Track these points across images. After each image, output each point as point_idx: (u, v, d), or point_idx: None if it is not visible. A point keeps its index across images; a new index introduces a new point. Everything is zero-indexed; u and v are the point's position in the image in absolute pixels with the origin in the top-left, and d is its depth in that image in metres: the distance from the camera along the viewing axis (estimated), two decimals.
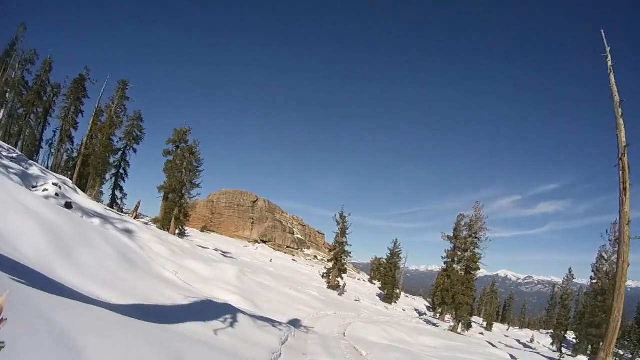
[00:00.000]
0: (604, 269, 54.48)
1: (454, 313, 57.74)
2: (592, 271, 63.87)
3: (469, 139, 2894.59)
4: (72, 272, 11.58)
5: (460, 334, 53.69)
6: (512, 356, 35.94)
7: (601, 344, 26.46)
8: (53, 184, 28.91)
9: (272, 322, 17.52)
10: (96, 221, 25.24)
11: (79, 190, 39.40)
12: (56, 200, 25.47)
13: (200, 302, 14.42)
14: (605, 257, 53.24)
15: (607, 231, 52.28)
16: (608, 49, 25.19)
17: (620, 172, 23.79)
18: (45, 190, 27.11)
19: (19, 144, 61.69)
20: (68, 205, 25.39)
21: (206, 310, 13.65)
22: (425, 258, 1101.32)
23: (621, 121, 24.02)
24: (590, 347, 60.31)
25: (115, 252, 15.26)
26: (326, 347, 17.26)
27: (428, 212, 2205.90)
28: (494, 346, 44.82)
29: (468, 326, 57.33)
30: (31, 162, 38.16)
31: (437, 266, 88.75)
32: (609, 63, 25.03)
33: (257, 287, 31.80)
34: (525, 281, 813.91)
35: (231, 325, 12.51)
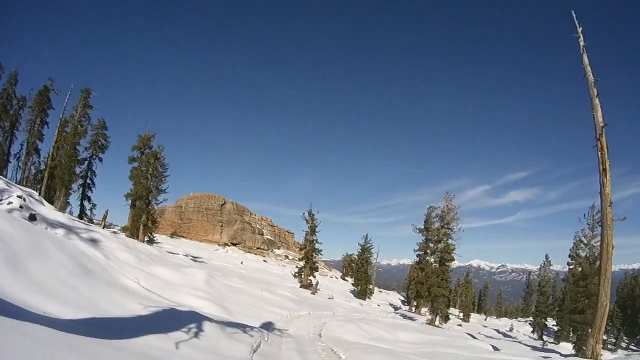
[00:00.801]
0: (584, 254, 53.60)
1: (430, 306, 57.43)
2: (569, 256, 63.23)
3: (435, 131, 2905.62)
4: (18, 285, 10.55)
5: (438, 326, 53.36)
6: (494, 347, 35.50)
7: (589, 330, 26.08)
8: (17, 196, 27.92)
9: (243, 328, 16.69)
10: (60, 232, 24.48)
11: (45, 202, 38.84)
12: (20, 213, 24.57)
13: (162, 311, 13.29)
14: (585, 241, 52.43)
15: (584, 215, 51.15)
16: (580, 30, 25.18)
17: (599, 153, 23.51)
18: (9, 203, 26.26)
19: None
20: (32, 217, 24.60)
21: (168, 320, 12.51)
22: (397, 252, 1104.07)
23: (597, 101, 23.92)
24: (574, 333, 59.73)
25: (72, 262, 14.13)
26: (302, 351, 16.45)
27: (397, 206, 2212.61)
28: (474, 337, 44.48)
29: (446, 318, 57.06)
30: None
31: (409, 259, 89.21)
32: (582, 43, 24.99)
33: (227, 291, 30.94)
34: (499, 270, 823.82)
35: (196, 335, 11.52)
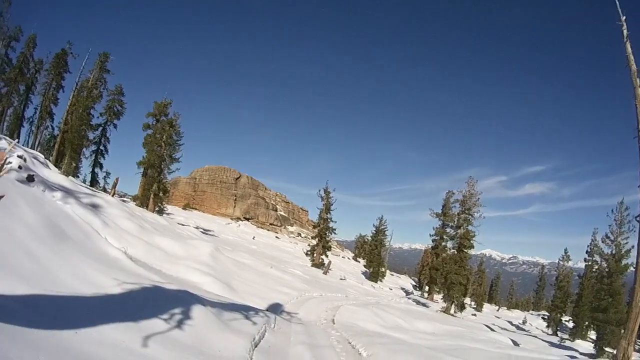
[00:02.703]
0: (609, 250, 51.04)
1: (446, 293, 54.88)
2: (587, 252, 62.84)
3: (455, 119, 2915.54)
4: None
5: (453, 315, 51.55)
6: (513, 341, 33.92)
7: (622, 331, 24.09)
8: (18, 156, 25.83)
9: (246, 311, 14.48)
10: (58, 194, 22.59)
11: (51, 166, 37.20)
12: (17, 173, 22.37)
13: (141, 290, 10.50)
14: (612, 237, 49.72)
15: (612, 210, 48.69)
16: (623, 18, 23.43)
17: None
18: (8, 163, 23.95)
19: (1, 122, 59.73)
20: (30, 178, 22.78)
21: (147, 302, 9.83)
22: (409, 236, 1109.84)
23: (639, 91, 21.89)
24: (595, 332, 56.42)
25: (44, 224, 11.58)
26: (314, 345, 14.00)
27: (412, 191, 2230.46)
28: (492, 330, 42.73)
29: (461, 307, 55.27)
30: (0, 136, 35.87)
31: (421, 244, 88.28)
32: (625, 32, 23.35)
33: (234, 267, 28.88)
34: (510, 261, 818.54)
35: (179, 325, 8.90)
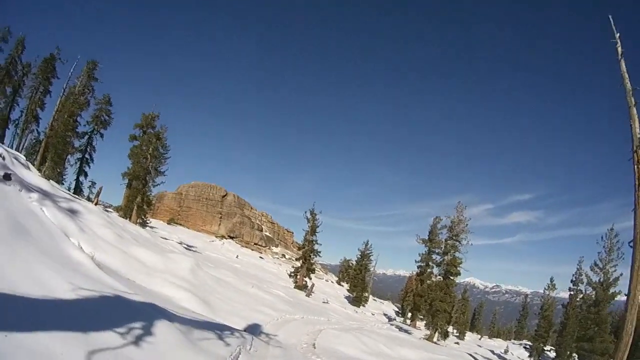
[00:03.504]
0: (597, 278, 50.69)
1: (430, 320, 54.26)
2: (572, 282, 64.45)
3: (441, 146, 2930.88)
4: None
5: (436, 343, 50.74)
6: None
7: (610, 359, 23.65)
8: None
9: (221, 331, 13.45)
10: (34, 196, 21.08)
11: (32, 168, 36.56)
12: None
13: (99, 298, 9.16)
14: (600, 265, 49.72)
15: (602, 238, 49.39)
16: (617, 35, 23.07)
17: (635, 166, 20.72)
18: None
19: None
20: (6, 177, 21.95)
21: (103, 313, 8.54)
22: (393, 262, 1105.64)
23: (634, 111, 21.61)
24: None
25: (3, 219, 10.65)
26: None
27: (397, 216, 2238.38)
28: (475, 359, 41.74)
29: (445, 335, 54.12)
30: None
31: (405, 270, 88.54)
32: (619, 50, 22.87)
33: (214, 284, 28.07)
34: (493, 290, 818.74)
35: (136, 341, 7.67)
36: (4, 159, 25.96)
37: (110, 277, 13.14)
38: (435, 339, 51.87)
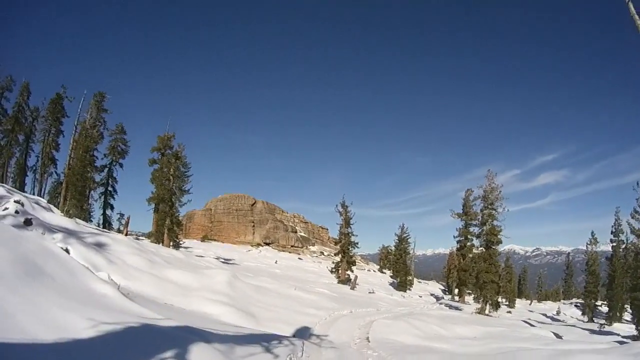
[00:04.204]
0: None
1: (479, 293, 53.16)
2: (612, 233, 63.60)
3: (460, 118, 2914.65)
4: None
5: (489, 315, 50.00)
6: (555, 334, 32.38)
7: None
8: (15, 201, 25.85)
9: (268, 341, 12.40)
10: (58, 236, 21.47)
11: (54, 210, 37.06)
12: (14, 218, 22.12)
13: (123, 331, 7.94)
14: None
15: (638, 183, 46.48)
16: None
17: None
18: (5, 209, 24.09)
19: (4, 174, 58.82)
20: (27, 222, 22.28)
21: (128, 346, 7.44)
22: (431, 242, 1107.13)
23: None
24: (628, 313, 58.72)
25: (13, 262, 9.74)
26: None
27: (427, 197, 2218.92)
28: (532, 325, 41.07)
29: (496, 306, 53.04)
30: None
31: (444, 248, 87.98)
32: None
33: (254, 293, 27.14)
34: (534, 254, 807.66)
35: None
36: (23, 205, 26.08)
37: (138, 304, 12.13)
38: (487, 312, 51.21)
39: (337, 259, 70.13)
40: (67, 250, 18.43)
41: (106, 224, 59.42)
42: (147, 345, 7.68)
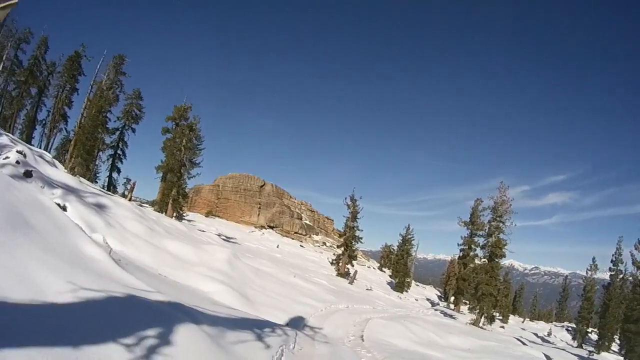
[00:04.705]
0: None
1: (475, 304, 53.14)
2: (612, 261, 63.15)
3: (478, 129, 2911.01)
4: None
5: (482, 328, 49.83)
6: (547, 356, 32.30)
7: None
8: (17, 151, 25.30)
9: (261, 329, 11.83)
10: (58, 192, 21.36)
11: (59, 165, 37.07)
12: (14, 168, 21.84)
13: (106, 300, 7.19)
14: None
15: None
16: None
17: None
18: (6, 158, 23.53)
19: (12, 125, 59.35)
20: (27, 174, 21.91)
21: (109, 319, 6.53)
22: (433, 246, 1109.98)
23: None
24: (616, 344, 59.81)
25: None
26: None
27: (436, 201, 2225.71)
28: (524, 344, 40.84)
29: (491, 320, 52.94)
30: (1, 132, 35.84)
31: (445, 254, 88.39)
32: None
33: (253, 275, 26.72)
34: (532, 272, 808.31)
35: (148, 355, 5.92)
36: (25, 156, 25.62)
37: (129, 273, 11.27)
38: (481, 324, 50.95)
39: (339, 251, 69.95)
40: (64, 207, 18.43)
41: (111, 187, 59.60)
42: (128, 320, 6.87)
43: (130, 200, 44.49)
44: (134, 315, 7.17)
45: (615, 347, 62.33)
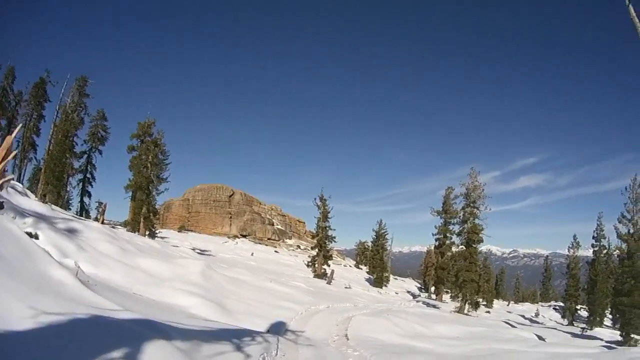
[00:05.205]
0: (625, 230, 48.49)
1: (458, 292, 53.61)
2: (593, 237, 62.64)
3: (441, 117, 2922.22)
4: None
5: (468, 315, 49.94)
6: (539, 336, 32.06)
7: None
8: None
9: (239, 338, 11.19)
10: (29, 220, 21.02)
11: (30, 195, 38.21)
12: None
13: (68, 324, 6.68)
14: (628, 216, 47.29)
15: (626, 188, 46.99)
16: None
17: None
18: None
19: None
20: None
21: (69, 342, 6.09)
22: (408, 239, 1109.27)
23: None
24: (608, 319, 61.57)
25: None
26: None
27: (407, 194, 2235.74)
28: (513, 327, 41.07)
29: (475, 306, 53.14)
30: None
31: (420, 246, 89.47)
32: None
33: (229, 284, 26.39)
34: (511, 255, 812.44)
35: None
36: None
37: (97, 294, 10.92)
38: (466, 311, 51.09)
39: (314, 252, 69.77)
40: (35, 235, 18.20)
41: (83, 212, 58.80)
42: (92, 341, 6.46)
43: (102, 223, 43.71)
44: (98, 336, 6.74)
45: (607, 322, 63.29)
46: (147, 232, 52.47)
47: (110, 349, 6.30)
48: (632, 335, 41.71)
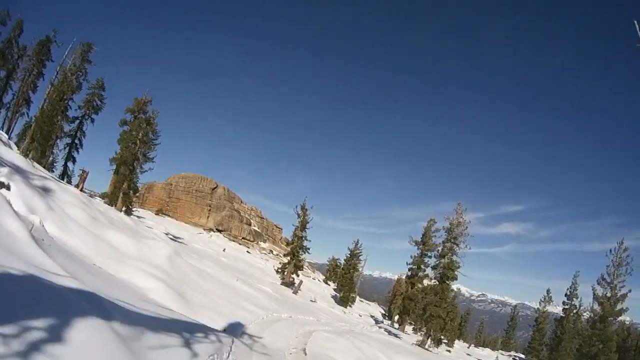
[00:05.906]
0: (602, 292, 48.63)
1: (422, 325, 52.69)
2: (566, 295, 64.54)
3: (436, 152, 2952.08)
4: None
5: (428, 350, 49.47)
6: None
7: None
8: None
9: (191, 333, 10.15)
10: (4, 170, 20.07)
11: (13, 146, 37.34)
12: None
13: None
14: (608, 279, 47.74)
15: (610, 251, 47.50)
16: None
17: None
18: None
19: None
20: None
21: None
22: (380, 264, 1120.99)
23: None
24: None
25: None
26: None
27: (387, 219, 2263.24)
28: None
29: (438, 342, 52.70)
30: None
31: (391, 273, 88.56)
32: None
33: (194, 275, 25.67)
34: (479, 298, 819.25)
35: (25, 354, 4.55)
36: None
37: (46, 254, 9.89)
38: (427, 345, 50.53)
39: (285, 260, 69.90)
40: (7, 186, 18.14)
41: (65, 177, 58.32)
42: (15, 304, 5.52)
43: (81, 190, 43.95)
44: (25, 300, 5.79)
45: None
46: (124, 208, 52.29)
47: (35, 315, 5.36)
48: None
